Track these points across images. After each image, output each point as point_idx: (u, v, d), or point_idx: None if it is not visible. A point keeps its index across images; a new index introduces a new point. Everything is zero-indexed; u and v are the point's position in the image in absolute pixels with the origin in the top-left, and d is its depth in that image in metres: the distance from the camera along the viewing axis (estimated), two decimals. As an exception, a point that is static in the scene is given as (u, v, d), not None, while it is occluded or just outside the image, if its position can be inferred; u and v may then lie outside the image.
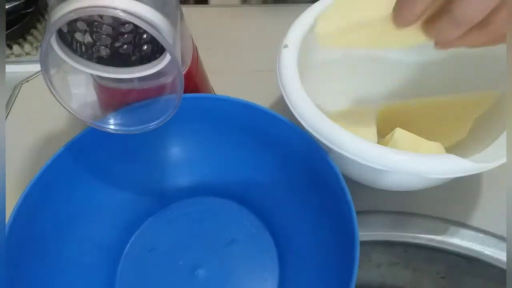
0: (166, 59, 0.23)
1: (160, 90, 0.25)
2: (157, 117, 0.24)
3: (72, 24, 0.22)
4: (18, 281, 0.26)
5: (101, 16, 0.23)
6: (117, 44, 0.24)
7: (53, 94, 0.22)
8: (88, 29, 0.23)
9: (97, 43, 0.23)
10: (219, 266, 0.31)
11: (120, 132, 0.25)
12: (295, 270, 0.31)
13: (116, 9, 0.19)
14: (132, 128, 0.25)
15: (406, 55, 0.36)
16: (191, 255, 0.32)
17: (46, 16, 0.48)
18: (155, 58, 0.24)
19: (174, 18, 0.22)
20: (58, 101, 0.23)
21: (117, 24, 0.23)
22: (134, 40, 0.24)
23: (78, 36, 0.23)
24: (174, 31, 0.22)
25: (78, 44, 0.23)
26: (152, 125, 0.24)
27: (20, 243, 0.27)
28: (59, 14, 0.19)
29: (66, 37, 0.22)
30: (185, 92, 0.23)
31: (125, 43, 0.24)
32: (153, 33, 0.20)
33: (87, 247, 0.31)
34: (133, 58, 0.24)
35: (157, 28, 0.20)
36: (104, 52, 0.24)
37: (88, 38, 0.23)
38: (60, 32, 0.22)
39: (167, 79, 0.24)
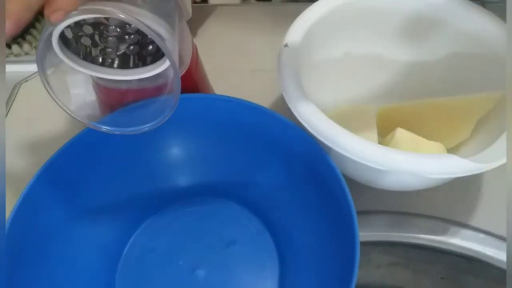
0: (166, 62, 0.23)
1: (158, 91, 0.25)
2: (154, 118, 0.24)
3: (78, 28, 0.22)
4: (17, 281, 0.26)
5: (107, 19, 0.23)
6: (123, 45, 0.24)
7: (50, 94, 0.22)
8: (96, 32, 0.23)
9: (103, 45, 0.23)
10: (219, 266, 0.31)
11: (116, 132, 0.25)
12: (295, 270, 0.31)
13: (114, 10, 0.19)
14: (128, 129, 0.24)
15: (406, 55, 0.36)
16: (191, 255, 0.32)
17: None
18: (161, 57, 0.24)
19: (173, 19, 0.22)
20: (55, 102, 0.22)
21: (123, 25, 0.23)
22: (141, 40, 0.24)
23: (85, 40, 0.23)
24: (172, 32, 0.22)
25: (85, 49, 0.23)
26: (148, 126, 0.24)
27: (20, 243, 0.27)
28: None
29: (71, 43, 0.22)
30: (185, 92, 0.23)
31: (132, 44, 0.24)
32: (152, 35, 0.20)
33: (86, 247, 0.31)
34: (137, 60, 0.24)
35: (155, 31, 0.20)
36: (113, 55, 0.24)
37: (95, 42, 0.23)
38: (63, 37, 0.22)
39: (166, 80, 0.24)
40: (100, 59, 0.24)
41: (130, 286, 0.31)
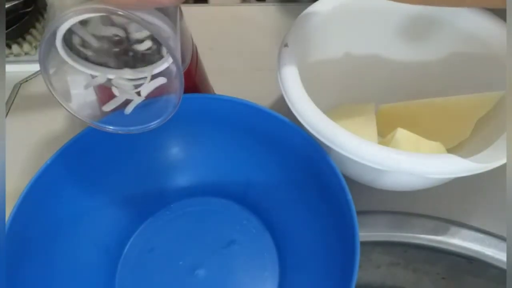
0: (168, 61, 0.23)
1: (160, 90, 0.25)
2: (157, 117, 0.24)
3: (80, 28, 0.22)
4: (17, 281, 0.26)
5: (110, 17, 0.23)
6: (125, 44, 0.24)
7: (52, 94, 0.22)
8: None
9: (105, 44, 0.23)
10: (219, 266, 0.31)
11: (119, 132, 0.25)
12: (295, 270, 0.31)
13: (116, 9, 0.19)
14: (131, 128, 0.24)
15: (406, 55, 0.36)
16: (191, 255, 0.32)
17: (45, 16, 0.48)
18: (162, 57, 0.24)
19: (174, 18, 0.22)
20: (58, 101, 0.22)
21: (126, 23, 0.23)
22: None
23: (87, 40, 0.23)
24: (174, 30, 0.22)
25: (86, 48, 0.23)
26: (152, 125, 0.24)
27: (20, 242, 0.27)
28: (57, 16, 0.19)
29: (73, 42, 0.22)
30: (185, 92, 0.23)
31: (134, 43, 0.24)
32: (155, 33, 0.20)
33: (87, 247, 0.31)
34: (138, 59, 0.24)
35: (158, 28, 0.20)
36: (115, 54, 0.24)
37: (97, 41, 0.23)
38: (65, 37, 0.22)
39: (167, 79, 0.24)
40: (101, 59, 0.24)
41: (130, 286, 0.31)
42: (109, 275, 0.31)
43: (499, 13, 0.32)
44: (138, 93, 0.25)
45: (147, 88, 0.24)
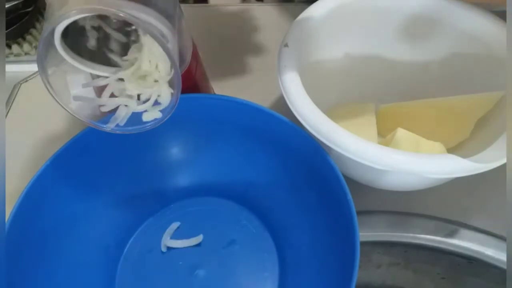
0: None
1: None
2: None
3: (79, 27, 0.22)
4: (17, 281, 0.26)
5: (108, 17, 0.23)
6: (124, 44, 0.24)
7: (51, 94, 0.22)
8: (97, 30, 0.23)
9: (104, 43, 0.23)
10: (219, 266, 0.31)
11: (118, 132, 0.25)
12: (295, 270, 0.31)
13: (114, 9, 0.19)
14: (130, 128, 0.24)
15: (406, 55, 0.36)
16: (190, 255, 0.32)
17: (45, 15, 0.48)
18: None
19: (173, 18, 0.22)
20: (57, 101, 0.22)
21: (125, 23, 0.23)
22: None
23: (86, 39, 0.23)
24: (173, 31, 0.22)
25: (85, 47, 0.23)
26: (149, 125, 0.24)
27: (20, 242, 0.27)
28: (56, 15, 0.19)
29: (72, 41, 0.22)
30: (185, 91, 0.23)
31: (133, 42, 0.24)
32: (154, 35, 0.20)
33: (86, 247, 0.31)
34: None
35: (156, 30, 0.20)
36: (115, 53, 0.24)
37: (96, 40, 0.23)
38: (65, 36, 0.22)
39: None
40: (101, 58, 0.24)
41: (130, 286, 0.31)
42: (109, 275, 0.31)
43: (499, 13, 0.32)
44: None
45: (148, 93, 0.24)
